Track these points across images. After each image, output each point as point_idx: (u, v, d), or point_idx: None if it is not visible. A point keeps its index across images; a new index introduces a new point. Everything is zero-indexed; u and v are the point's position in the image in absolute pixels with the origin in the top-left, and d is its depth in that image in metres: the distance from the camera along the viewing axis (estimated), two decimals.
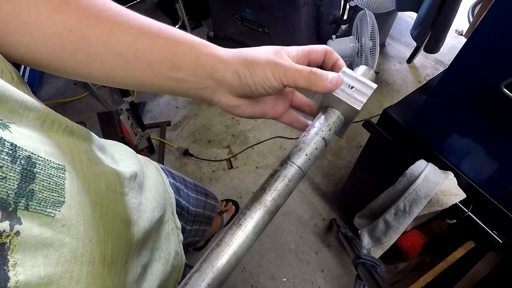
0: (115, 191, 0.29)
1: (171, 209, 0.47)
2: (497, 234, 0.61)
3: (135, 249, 0.31)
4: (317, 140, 0.29)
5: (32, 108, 0.22)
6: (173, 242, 0.44)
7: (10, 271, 0.16)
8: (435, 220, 0.76)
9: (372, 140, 0.83)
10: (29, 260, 0.17)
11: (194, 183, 0.63)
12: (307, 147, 0.29)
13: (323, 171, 1.47)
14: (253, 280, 1.20)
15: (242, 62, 0.28)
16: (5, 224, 0.17)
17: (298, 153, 0.28)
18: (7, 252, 0.16)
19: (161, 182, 0.46)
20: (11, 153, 0.18)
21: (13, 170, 0.18)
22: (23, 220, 0.18)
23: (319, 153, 0.29)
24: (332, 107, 0.32)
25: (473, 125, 0.57)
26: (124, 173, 0.31)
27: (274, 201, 0.26)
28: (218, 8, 1.76)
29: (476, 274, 0.74)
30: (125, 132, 1.27)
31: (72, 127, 0.26)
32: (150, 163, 0.48)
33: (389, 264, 1.03)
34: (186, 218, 0.53)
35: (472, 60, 0.50)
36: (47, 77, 1.91)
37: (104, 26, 0.25)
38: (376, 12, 1.56)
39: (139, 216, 0.32)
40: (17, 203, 0.18)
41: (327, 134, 0.30)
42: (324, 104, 0.32)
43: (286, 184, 0.27)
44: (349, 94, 0.30)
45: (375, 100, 1.70)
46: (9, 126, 0.19)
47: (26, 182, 0.18)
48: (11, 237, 0.17)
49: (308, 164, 0.28)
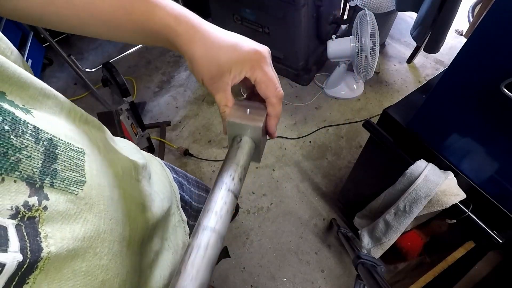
0: (130, 176, 0.30)
1: (176, 202, 0.47)
2: (497, 234, 0.61)
3: (149, 234, 0.32)
4: (226, 190, 0.27)
5: (50, 96, 0.23)
6: (180, 234, 0.45)
7: (42, 242, 0.17)
8: (435, 220, 0.76)
9: (372, 140, 0.83)
10: (58, 234, 0.18)
11: (196, 180, 0.63)
12: (214, 205, 0.26)
13: (323, 171, 1.47)
14: (253, 280, 1.20)
15: (206, 68, 0.30)
16: (34, 199, 0.18)
17: (207, 214, 0.25)
18: (38, 225, 0.17)
19: (166, 176, 0.47)
20: (34, 135, 0.19)
21: (37, 150, 0.19)
22: (50, 196, 0.19)
23: (230, 207, 0.27)
24: (241, 135, 0.33)
25: (473, 125, 0.57)
26: (137, 161, 0.33)
27: (193, 280, 0.21)
28: (218, 8, 1.76)
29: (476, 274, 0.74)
30: (125, 132, 1.27)
31: (87, 117, 0.28)
32: (154, 159, 0.49)
33: (389, 264, 1.03)
34: (189, 213, 0.53)
35: (472, 60, 0.50)
36: (47, 77, 1.91)
37: None
38: (376, 12, 1.56)
39: (152, 203, 0.34)
40: (43, 180, 0.19)
41: (236, 183, 0.28)
42: (233, 135, 0.34)
43: (202, 256, 0.22)
44: (248, 118, 0.32)
45: (375, 100, 1.70)
46: (31, 111, 0.20)
47: (49, 161, 0.19)
48: (40, 211, 0.18)
49: (224, 221, 0.25)
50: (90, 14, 0.29)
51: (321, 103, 1.71)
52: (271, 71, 0.32)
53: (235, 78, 0.32)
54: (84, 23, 0.30)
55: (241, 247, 1.28)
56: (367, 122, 0.78)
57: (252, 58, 0.31)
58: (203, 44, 0.30)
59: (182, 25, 0.30)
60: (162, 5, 0.29)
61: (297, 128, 1.62)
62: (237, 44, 0.31)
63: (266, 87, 0.32)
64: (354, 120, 1.63)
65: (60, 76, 1.93)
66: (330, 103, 1.71)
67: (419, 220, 0.76)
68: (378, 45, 1.33)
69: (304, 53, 1.68)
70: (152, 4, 0.29)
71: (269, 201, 1.39)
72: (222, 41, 0.31)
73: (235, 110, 0.33)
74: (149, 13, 0.29)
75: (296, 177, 1.46)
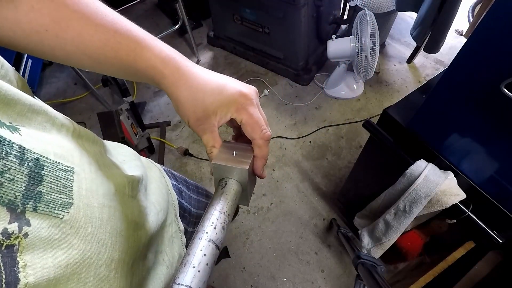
0: (123, 193, 0.29)
1: (174, 211, 0.46)
2: (497, 234, 0.61)
3: (141, 252, 0.31)
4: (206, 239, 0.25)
5: (40, 112, 0.22)
6: (176, 245, 0.44)
7: (20, 272, 0.16)
8: (435, 220, 0.76)
9: (372, 140, 0.83)
10: (39, 262, 0.18)
11: (196, 185, 0.63)
12: (192, 258, 0.24)
13: (323, 171, 1.47)
14: (253, 280, 1.20)
15: (191, 109, 0.31)
16: (14, 226, 0.17)
17: (184, 269, 0.23)
18: (16, 253, 0.16)
19: (164, 184, 0.46)
20: (19, 156, 0.18)
21: (21, 172, 0.18)
22: (32, 222, 0.18)
23: (210, 259, 0.25)
24: (227, 178, 0.32)
25: (473, 125, 0.57)
26: (133, 176, 0.32)
27: None
28: (218, 8, 1.76)
29: (476, 274, 0.74)
30: (125, 132, 1.27)
31: (80, 131, 0.27)
32: (154, 166, 0.48)
33: (389, 264, 1.03)
34: (188, 220, 0.52)
35: (472, 60, 0.50)
36: (47, 77, 1.91)
37: (75, 28, 0.27)
38: (376, 12, 1.56)
39: (146, 219, 0.33)
40: (25, 204, 0.18)
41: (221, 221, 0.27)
42: (218, 178, 0.33)
43: None
44: (234, 160, 0.32)
45: (375, 100, 1.70)
46: (19, 129, 0.20)
47: (34, 184, 0.19)
48: (20, 238, 0.17)
49: (201, 276, 0.23)
50: (76, 48, 0.28)
51: (321, 103, 1.71)
52: (257, 113, 0.32)
53: (221, 120, 0.32)
54: (70, 56, 0.29)
55: (241, 247, 1.28)
56: (367, 122, 0.78)
57: (237, 101, 0.31)
58: (188, 87, 0.30)
59: (169, 67, 0.30)
60: (150, 46, 0.29)
61: (297, 128, 1.62)
62: (223, 86, 0.31)
63: (252, 129, 0.32)
64: (354, 120, 1.63)
65: (60, 76, 1.93)
66: (330, 103, 1.71)
67: (419, 220, 0.76)
68: (378, 45, 1.33)
69: (304, 53, 1.68)
70: (140, 44, 0.29)
71: (269, 201, 1.39)
72: (207, 84, 0.31)
73: (221, 152, 0.32)
74: (136, 53, 0.29)
75: (296, 177, 1.46)
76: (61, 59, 0.29)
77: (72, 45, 0.28)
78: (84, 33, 0.27)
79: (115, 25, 0.29)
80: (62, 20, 0.27)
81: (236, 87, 0.32)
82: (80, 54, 0.29)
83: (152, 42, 0.30)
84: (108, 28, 0.28)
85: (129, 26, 0.30)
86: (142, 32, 0.30)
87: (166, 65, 0.30)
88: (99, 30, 0.28)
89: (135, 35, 0.29)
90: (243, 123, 0.32)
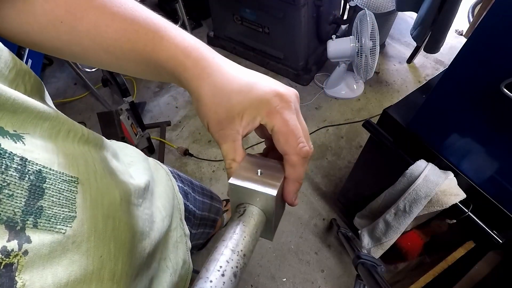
0: (129, 202, 0.27)
1: (179, 215, 0.45)
2: (497, 234, 0.61)
3: (145, 263, 0.30)
4: None
5: (47, 118, 0.21)
6: (181, 251, 0.43)
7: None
8: (435, 220, 0.76)
9: (372, 140, 0.83)
10: (38, 281, 0.17)
11: (201, 186, 0.62)
12: None
13: (323, 171, 1.47)
14: (253, 280, 1.20)
15: (213, 110, 0.26)
16: (13, 244, 0.16)
17: None
18: (15, 273, 0.16)
19: (171, 187, 0.45)
20: (20, 169, 0.17)
21: (21, 187, 0.17)
22: (33, 238, 0.17)
23: None
24: (247, 203, 0.25)
25: (473, 125, 0.57)
26: (139, 184, 0.31)
27: None
28: (218, 8, 1.76)
29: (476, 274, 0.74)
30: (125, 132, 1.27)
31: (88, 136, 0.26)
32: (161, 167, 0.46)
33: (389, 264, 1.03)
34: (192, 222, 0.52)
35: (472, 60, 0.50)
36: (47, 77, 1.91)
37: (90, 19, 0.25)
38: (376, 12, 1.56)
39: (151, 227, 0.32)
40: (25, 221, 0.17)
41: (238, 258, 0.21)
42: (236, 202, 0.26)
43: None
44: (257, 181, 0.24)
45: (375, 100, 1.70)
46: (23, 137, 0.19)
47: (35, 198, 0.18)
48: (19, 257, 0.16)
49: None
50: (93, 42, 0.26)
51: (321, 103, 1.71)
52: (294, 120, 0.25)
53: (248, 125, 0.25)
54: (87, 52, 0.27)
55: None
56: (367, 122, 0.79)
57: (271, 102, 0.25)
58: (212, 81, 0.25)
59: (191, 57, 0.25)
60: (171, 35, 0.26)
61: None
62: (254, 84, 0.25)
63: (285, 140, 0.24)
64: (354, 120, 1.63)
65: (60, 76, 1.93)
66: (330, 103, 1.71)
67: (419, 220, 0.76)
68: (378, 45, 1.33)
69: (304, 53, 1.68)
70: (159, 33, 0.26)
71: None
72: (235, 80, 0.25)
73: (242, 168, 0.25)
74: (155, 42, 0.26)
75: None
76: (79, 56, 0.28)
77: (88, 38, 0.26)
78: (101, 23, 0.25)
79: (133, 13, 0.26)
80: (77, 10, 0.25)
81: (271, 86, 0.26)
82: (97, 49, 0.27)
83: (174, 30, 0.27)
84: (125, 17, 0.26)
85: (148, 14, 0.27)
86: (163, 20, 0.27)
87: (188, 55, 0.25)
88: (115, 19, 0.26)
89: (154, 23, 0.26)
90: (274, 131, 0.25)
